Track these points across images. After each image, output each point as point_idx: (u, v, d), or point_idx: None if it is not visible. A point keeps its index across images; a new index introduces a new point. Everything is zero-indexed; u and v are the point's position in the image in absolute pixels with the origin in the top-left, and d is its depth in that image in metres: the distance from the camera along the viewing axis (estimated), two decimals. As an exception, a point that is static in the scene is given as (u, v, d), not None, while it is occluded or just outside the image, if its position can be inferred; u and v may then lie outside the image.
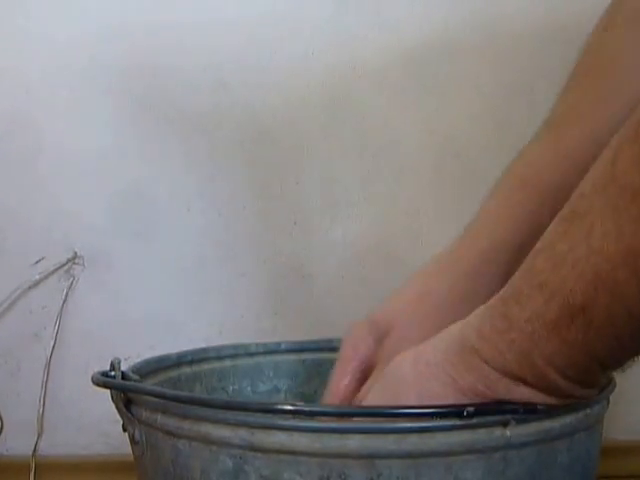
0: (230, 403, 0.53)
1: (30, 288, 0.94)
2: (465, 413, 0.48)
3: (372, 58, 0.94)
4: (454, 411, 0.48)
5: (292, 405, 0.50)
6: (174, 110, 0.94)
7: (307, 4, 0.93)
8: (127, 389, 0.56)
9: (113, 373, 0.57)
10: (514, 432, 0.49)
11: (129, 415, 0.56)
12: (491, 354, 0.47)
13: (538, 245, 0.47)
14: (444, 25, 0.93)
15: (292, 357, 0.75)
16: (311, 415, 0.49)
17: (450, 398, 0.48)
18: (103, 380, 0.56)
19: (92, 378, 0.56)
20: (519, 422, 0.49)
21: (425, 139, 0.94)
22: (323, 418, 0.50)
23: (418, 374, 0.50)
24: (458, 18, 0.93)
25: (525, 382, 0.47)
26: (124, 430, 0.57)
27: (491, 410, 0.48)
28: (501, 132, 0.93)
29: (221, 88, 0.94)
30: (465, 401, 0.48)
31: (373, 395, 0.54)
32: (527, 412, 0.49)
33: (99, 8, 0.93)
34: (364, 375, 0.61)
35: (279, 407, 0.50)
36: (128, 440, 0.58)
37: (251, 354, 0.74)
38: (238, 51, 0.94)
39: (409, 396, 0.50)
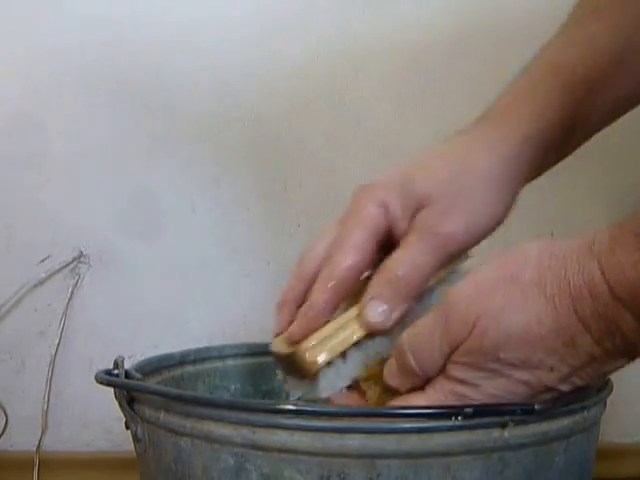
0: (233, 403, 0.53)
1: (36, 286, 0.95)
2: (462, 415, 0.48)
3: (375, 60, 0.94)
4: (453, 412, 0.48)
5: (294, 405, 0.50)
6: (179, 112, 0.94)
7: (311, 8, 0.93)
8: (130, 388, 0.57)
9: (117, 371, 0.58)
10: (512, 433, 0.49)
11: (132, 413, 0.56)
12: (610, 266, 0.46)
13: None
14: (447, 28, 0.93)
15: (294, 357, 0.75)
16: (313, 415, 0.49)
17: (557, 295, 0.48)
18: (107, 379, 0.57)
19: (96, 376, 0.56)
20: (517, 423, 0.49)
21: (428, 141, 0.93)
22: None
23: (540, 262, 0.49)
24: (461, 19, 0.93)
25: (625, 305, 0.46)
26: (127, 427, 0.58)
27: (489, 411, 0.49)
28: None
29: (226, 91, 0.94)
30: (564, 299, 0.47)
31: (490, 269, 0.51)
32: (525, 413, 0.49)
33: (105, 11, 0.93)
34: (383, 238, 0.58)
35: (281, 407, 0.50)
36: (131, 437, 0.58)
37: (253, 354, 0.74)
38: (243, 54, 0.94)
39: (525, 275, 0.49)
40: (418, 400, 0.52)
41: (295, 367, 0.56)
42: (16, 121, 0.94)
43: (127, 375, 0.58)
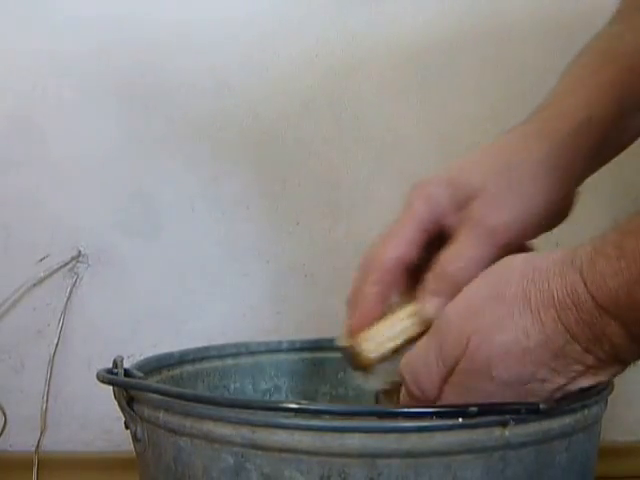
0: (235, 401, 0.53)
1: (34, 285, 0.95)
2: (467, 414, 0.48)
3: (375, 59, 0.94)
4: (457, 411, 0.48)
5: (296, 404, 0.50)
6: (178, 111, 0.94)
7: (310, 6, 0.93)
8: (132, 387, 0.57)
9: (116, 371, 0.58)
10: (513, 432, 0.49)
11: (131, 413, 0.56)
12: (592, 277, 0.47)
13: None
14: (446, 26, 0.93)
15: (293, 356, 0.75)
16: (315, 414, 0.49)
17: (541, 307, 0.48)
18: (108, 377, 0.57)
19: (97, 375, 0.57)
20: (518, 422, 0.49)
21: (427, 140, 0.94)
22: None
23: (524, 276, 0.50)
24: (460, 19, 0.93)
25: (609, 313, 0.47)
26: (126, 427, 0.58)
27: (494, 410, 0.49)
28: (503, 132, 0.93)
29: (225, 90, 0.94)
30: (547, 309, 0.48)
31: (477, 286, 0.52)
32: (529, 412, 0.49)
33: (104, 11, 0.93)
34: (433, 231, 0.59)
35: (283, 406, 0.50)
36: (130, 437, 0.58)
37: (253, 353, 0.74)
38: (241, 53, 0.94)
39: (510, 291, 0.50)
40: None
41: (353, 360, 0.58)
42: (14, 121, 0.94)
43: (127, 374, 0.58)
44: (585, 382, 0.50)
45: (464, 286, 0.54)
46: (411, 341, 0.57)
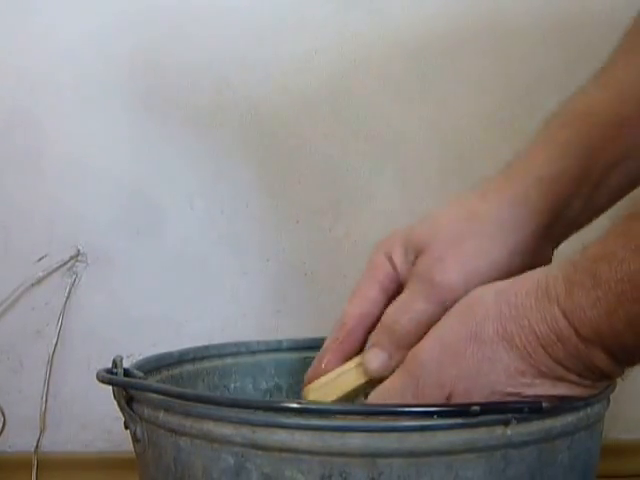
0: (235, 401, 0.53)
1: (33, 285, 0.95)
2: (469, 413, 0.48)
3: (375, 56, 0.93)
4: (460, 410, 0.48)
5: (297, 403, 0.50)
6: (177, 108, 0.94)
7: (310, 3, 0.93)
8: (132, 386, 0.56)
9: (116, 370, 0.57)
10: (515, 431, 0.49)
11: (131, 413, 0.56)
12: (571, 309, 0.47)
13: (635, 209, 0.46)
14: (447, 22, 0.93)
15: (294, 355, 0.75)
16: (317, 413, 0.49)
17: (528, 346, 0.48)
18: (108, 377, 0.56)
19: (97, 375, 0.56)
20: (520, 421, 0.49)
21: (428, 137, 0.94)
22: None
23: (500, 312, 0.49)
24: (461, 15, 0.93)
25: (593, 343, 0.47)
26: (126, 427, 0.57)
27: (497, 409, 0.49)
28: (504, 129, 0.93)
29: (224, 87, 0.94)
30: (536, 347, 0.48)
31: (451, 323, 0.52)
32: (532, 411, 0.49)
33: (102, 7, 0.93)
34: (391, 287, 0.60)
35: (284, 405, 0.50)
36: (130, 437, 0.58)
37: (253, 352, 0.74)
38: (241, 50, 0.93)
39: (489, 330, 0.49)
40: None
41: None
42: (13, 119, 0.94)
43: (127, 374, 0.58)
44: (587, 394, 0.51)
45: (408, 340, 0.55)
46: (355, 392, 0.59)
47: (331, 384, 0.59)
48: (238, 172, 0.95)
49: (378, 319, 0.59)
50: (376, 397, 0.54)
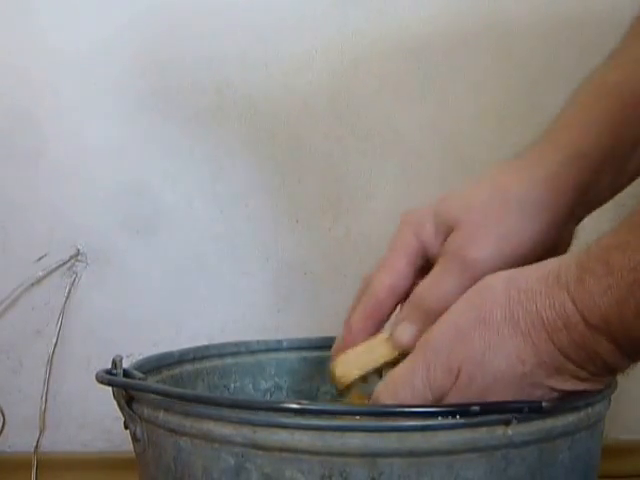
0: (235, 401, 0.53)
1: (33, 285, 0.94)
2: (469, 413, 0.48)
3: (375, 55, 0.93)
4: (459, 410, 0.48)
5: (297, 404, 0.49)
6: (176, 108, 0.94)
7: (310, 2, 0.93)
8: (132, 387, 0.56)
9: (116, 371, 0.57)
10: (516, 431, 0.49)
11: (131, 412, 0.56)
12: (581, 296, 0.47)
13: None
14: (448, 22, 0.93)
15: (294, 355, 0.75)
16: (317, 414, 0.49)
17: (532, 330, 0.48)
18: (108, 378, 0.56)
19: (96, 376, 0.56)
20: (521, 421, 0.49)
21: (428, 136, 0.94)
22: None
23: (509, 297, 0.49)
24: (462, 15, 0.93)
25: (600, 332, 0.47)
26: (126, 427, 0.57)
27: (496, 409, 0.48)
28: (504, 129, 0.93)
29: (224, 86, 0.94)
30: (540, 333, 0.48)
31: (462, 309, 0.52)
32: (532, 411, 0.49)
33: (103, 7, 0.93)
34: (419, 262, 0.60)
35: (284, 406, 0.50)
36: (130, 437, 0.58)
37: (253, 352, 0.74)
38: (241, 49, 0.93)
39: (497, 314, 0.49)
40: None
41: (332, 381, 0.61)
42: (12, 118, 0.94)
43: (126, 374, 0.58)
44: (581, 388, 0.50)
45: (437, 315, 0.54)
46: (383, 367, 0.59)
47: (360, 358, 0.59)
48: (238, 171, 0.95)
49: (407, 292, 0.60)
50: (387, 383, 0.53)
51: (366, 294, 0.61)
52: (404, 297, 0.60)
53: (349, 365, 0.59)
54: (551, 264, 0.50)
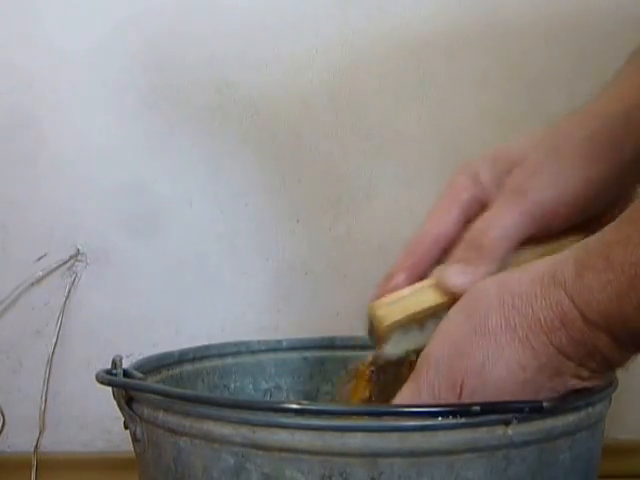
0: (235, 402, 0.53)
1: (32, 285, 0.94)
2: (470, 413, 0.48)
3: (375, 55, 0.93)
4: (460, 410, 0.48)
5: (297, 404, 0.49)
6: (176, 108, 0.94)
7: (310, 1, 0.93)
8: (131, 387, 0.56)
9: (115, 371, 0.57)
10: (516, 431, 0.49)
11: (131, 413, 0.56)
12: (579, 292, 0.46)
13: None
14: (448, 20, 0.93)
15: (294, 355, 0.75)
16: (317, 414, 0.49)
17: (530, 334, 0.48)
18: (108, 378, 0.56)
19: (96, 376, 0.56)
20: (521, 421, 0.49)
21: (429, 136, 0.94)
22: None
23: (502, 302, 0.49)
24: (462, 14, 0.93)
25: (599, 327, 0.46)
26: (125, 427, 0.57)
27: (497, 409, 0.48)
28: (505, 129, 0.93)
29: (224, 85, 0.93)
30: (538, 335, 0.47)
31: (456, 320, 0.51)
32: (533, 411, 0.49)
33: (103, 7, 0.93)
34: (473, 208, 0.58)
35: (284, 406, 0.50)
36: (130, 437, 0.57)
37: (253, 352, 0.74)
38: (241, 49, 0.93)
39: (492, 322, 0.49)
40: None
41: (370, 325, 0.56)
42: (12, 117, 0.94)
43: (126, 374, 0.58)
44: (581, 386, 0.50)
45: (495, 254, 0.53)
46: (430, 311, 0.55)
47: (402, 302, 0.55)
48: (238, 170, 0.94)
49: (455, 241, 0.57)
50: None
51: (411, 241, 0.59)
52: (452, 246, 0.58)
53: (389, 309, 0.55)
54: (543, 266, 0.49)
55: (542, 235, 0.56)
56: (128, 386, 0.56)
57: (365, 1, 0.93)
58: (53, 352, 0.94)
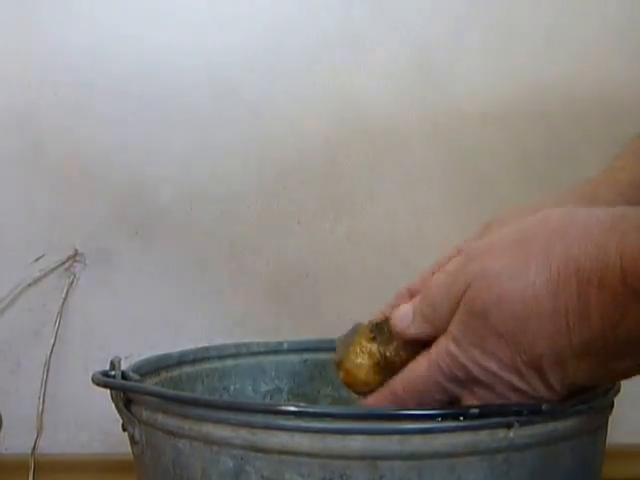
0: (233, 404, 0.53)
1: (30, 286, 0.94)
2: (467, 416, 0.47)
3: (378, 58, 0.93)
4: (458, 413, 0.48)
5: (295, 407, 0.49)
6: (177, 110, 0.94)
7: (313, 3, 0.93)
8: (128, 389, 0.56)
9: (113, 372, 0.57)
10: (517, 434, 0.48)
11: (129, 415, 0.56)
12: (631, 250, 0.44)
13: None
14: (450, 20, 0.93)
15: (294, 357, 0.75)
16: (315, 417, 0.49)
17: (562, 271, 0.46)
18: (104, 380, 0.56)
19: (92, 378, 0.56)
20: (522, 424, 0.48)
21: (431, 138, 0.94)
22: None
23: (557, 225, 0.47)
24: (463, 13, 0.93)
25: (636, 294, 0.44)
26: (124, 429, 0.57)
27: (495, 412, 0.48)
28: (507, 131, 0.93)
29: (225, 89, 0.93)
30: (569, 283, 0.45)
31: (509, 229, 0.50)
32: (531, 413, 0.48)
33: (100, 8, 0.93)
34: None
35: (282, 408, 0.50)
36: (128, 440, 0.57)
37: (253, 354, 0.74)
38: (242, 51, 0.93)
39: (537, 239, 0.47)
40: (421, 364, 0.51)
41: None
42: (10, 118, 0.93)
43: (124, 376, 0.58)
44: (581, 371, 0.48)
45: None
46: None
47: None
48: (238, 172, 0.94)
49: None
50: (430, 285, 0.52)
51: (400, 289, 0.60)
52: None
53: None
54: (605, 212, 0.47)
55: None
56: (125, 388, 0.56)
57: (369, 6, 0.93)
58: (51, 353, 0.94)
